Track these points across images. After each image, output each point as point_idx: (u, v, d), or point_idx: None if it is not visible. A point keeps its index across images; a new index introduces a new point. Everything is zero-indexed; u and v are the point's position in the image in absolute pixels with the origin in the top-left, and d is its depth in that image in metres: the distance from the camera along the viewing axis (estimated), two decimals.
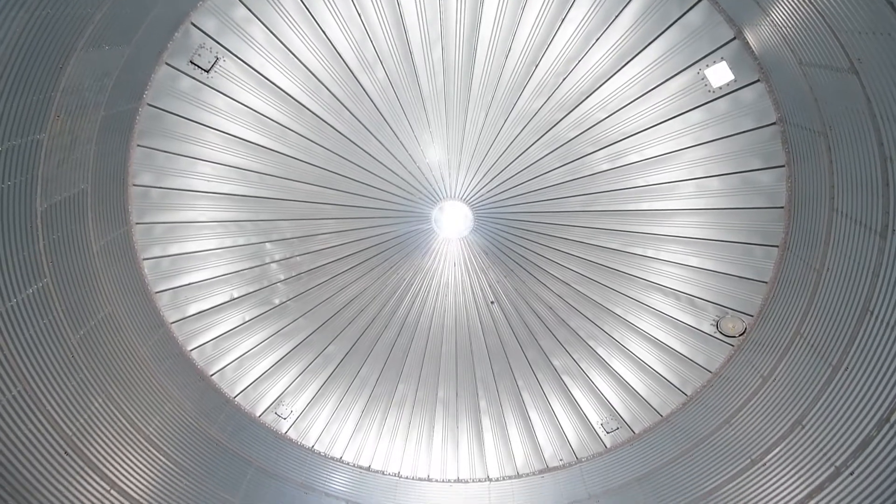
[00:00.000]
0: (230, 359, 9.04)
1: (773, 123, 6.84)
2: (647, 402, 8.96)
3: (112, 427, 6.73)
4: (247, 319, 9.15)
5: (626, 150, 8.13)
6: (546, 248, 9.32)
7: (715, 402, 7.89)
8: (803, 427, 6.33)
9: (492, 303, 9.98)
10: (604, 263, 9.01)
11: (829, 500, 5.76)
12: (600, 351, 9.47)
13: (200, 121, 7.71)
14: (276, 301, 9.37)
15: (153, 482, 7.00)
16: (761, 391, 7.15)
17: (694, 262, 8.20)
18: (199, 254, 8.49)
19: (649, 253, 8.59)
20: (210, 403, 8.51)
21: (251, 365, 9.28)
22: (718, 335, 8.12)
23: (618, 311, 9.12)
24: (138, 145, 7.44)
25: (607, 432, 9.30)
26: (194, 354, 8.61)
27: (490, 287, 9.88)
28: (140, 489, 6.79)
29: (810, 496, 5.98)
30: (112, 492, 6.43)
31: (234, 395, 9.02)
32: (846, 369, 5.88)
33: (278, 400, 9.50)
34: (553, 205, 9.04)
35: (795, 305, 6.85)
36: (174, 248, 8.23)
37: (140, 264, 7.83)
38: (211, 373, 8.81)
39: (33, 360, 5.83)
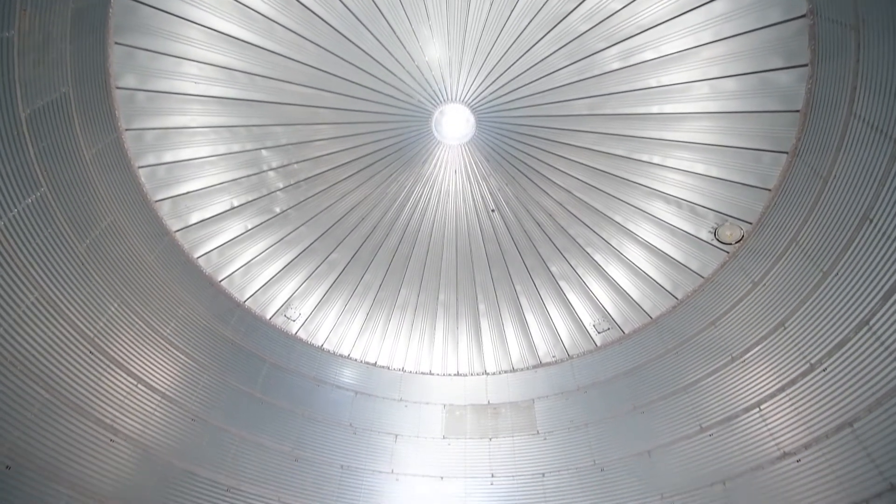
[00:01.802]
0: (237, 266, 9.29)
1: (803, 16, 6.28)
2: (639, 305, 9.36)
3: (131, 329, 7.12)
4: (249, 228, 9.23)
5: (641, 47, 7.55)
6: (549, 155, 9.09)
7: (703, 306, 8.25)
8: (785, 328, 6.70)
9: (492, 211, 9.98)
10: (608, 170, 8.84)
11: (799, 393, 6.28)
12: (597, 257, 9.69)
13: (180, 13, 7.07)
14: (277, 209, 9.37)
15: (176, 377, 7.59)
16: (750, 296, 7.44)
17: (700, 168, 8.04)
18: (195, 161, 8.30)
19: (655, 160, 8.39)
20: (222, 307, 8.91)
21: (258, 271, 9.55)
22: (715, 242, 8.25)
23: (618, 218, 9.16)
24: (116, 43, 6.92)
25: (598, 332, 9.85)
26: (201, 262, 8.83)
27: (491, 194, 9.81)
28: (165, 383, 7.38)
29: (782, 389, 6.50)
30: (139, 386, 6.99)
31: (243, 300, 9.41)
32: (836, 275, 6.06)
33: (287, 304, 9.93)
34: (559, 108, 8.62)
35: (796, 213, 6.86)
36: (168, 156, 8.04)
37: (136, 172, 7.71)
38: (220, 279, 9.10)
39: (45, 268, 6.00)
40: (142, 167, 7.81)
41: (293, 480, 8.11)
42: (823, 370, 6.02)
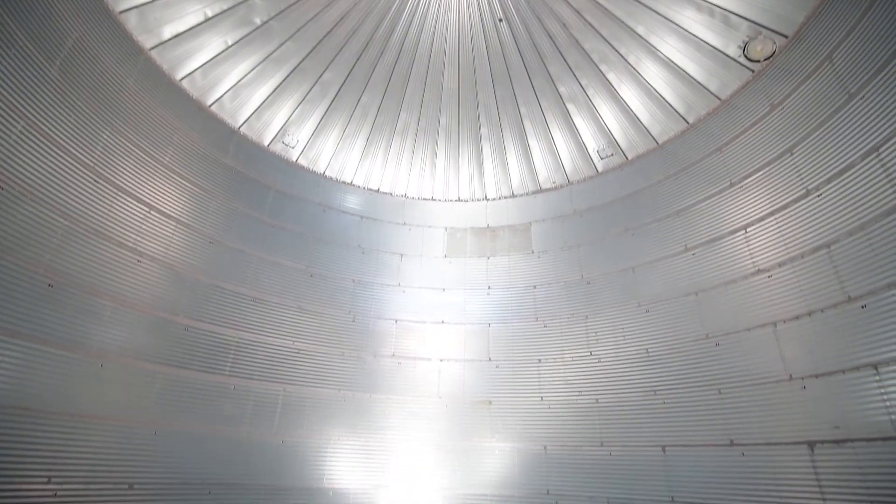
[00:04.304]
0: (224, 88, 8.71)
1: None
2: (647, 129, 9.04)
3: (129, 157, 7.07)
4: (230, 44, 8.36)
5: None
6: None
7: (714, 131, 7.97)
8: (792, 154, 6.58)
9: (500, 20, 8.87)
10: None
11: (788, 217, 6.50)
12: (610, 76, 8.98)
13: None
14: (257, 20, 8.35)
15: (186, 204, 7.83)
16: (764, 120, 7.12)
17: None
18: None
19: None
20: (216, 134, 8.67)
21: (247, 95, 9.00)
22: (742, 59, 7.53)
23: (640, 29, 8.19)
24: None
25: (601, 158, 9.75)
26: (185, 84, 8.25)
27: (498, 0, 8.60)
28: (176, 210, 7.65)
29: (772, 213, 6.72)
30: (152, 213, 7.27)
31: (238, 126, 9.10)
32: (861, 98, 5.69)
33: (283, 130, 9.63)
34: None
35: (837, 28, 6.09)
36: None
37: None
38: (209, 103, 8.64)
39: (22, 94, 5.66)
40: None
41: (310, 292, 9.07)
42: (818, 196, 6.12)
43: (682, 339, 7.43)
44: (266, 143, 9.55)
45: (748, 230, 7.02)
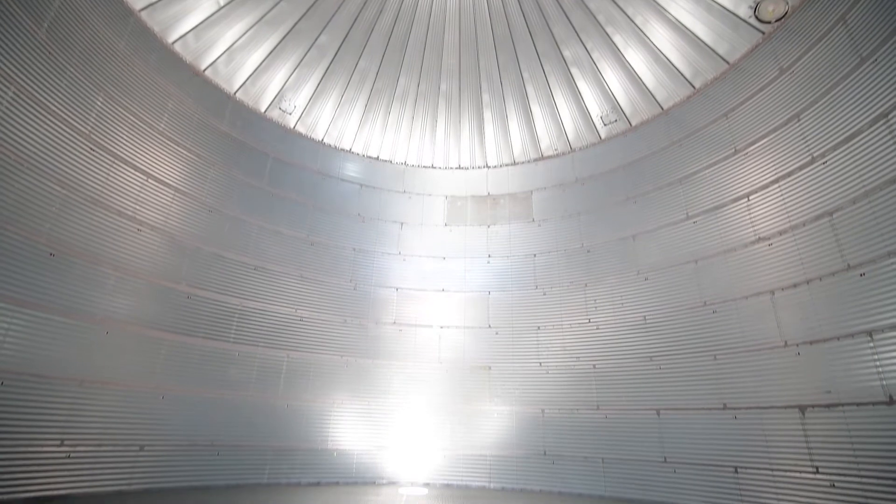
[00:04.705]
0: (218, 52, 8.47)
1: None
2: (652, 94, 8.84)
3: (124, 124, 6.95)
4: (222, 4, 8.08)
5: None
6: None
7: (720, 96, 7.78)
8: (799, 120, 6.45)
9: None
10: None
11: (792, 184, 6.43)
12: (616, 39, 8.70)
13: None
14: None
15: (184, 172, 7.76)
16: (772, 84, 6.94)
17: None
18: None
19: None
20: (212, 99, 8.49)
21: (242, 59, 8.76)
22: (753, 20, 7.27)
23: None
24: None
25: (605, 124, 9.57)
26: (178, 48, 8.02)
27: None
28: (174, 177, 7.59)
29: (776, 181, 6.64)
30: (150, 181, 7.21)
31: (233, 91, 8.90)
32: (874, 62, 5.53)
33: (280, 95, 9.43)
34: None
35: None
36: None
37: None
38: (203, 68, 8.42)
39: (10, 58, 5.51)
40: None
41: (311, 261, 9.11)
42: (823, 163, 6.04)
43: (679, 306, 7.50)
44: (262, 110, 9.37)
45: (751, 198, 6.96)
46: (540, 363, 8.69)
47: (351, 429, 8.41)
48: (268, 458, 7.59)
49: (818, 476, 5.40)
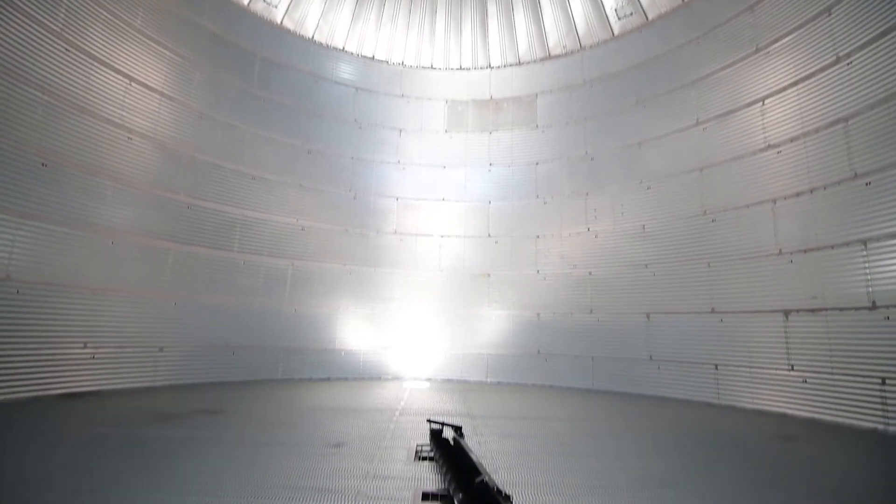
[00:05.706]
0: None
1: None
2: None
3: (97, 20, 6.40)
4: None
5: None
6: None
7: None
8: (830, 15, 5.92)
9: None
10: None
11: (811, 87, 6.09)
12: None
13: None
14: None
15: (167, 74, 7.31)
16: None
17: None
18: None
19: None
20: None
21: None
22: None
23: None
24: None
25: (619, 18, 8.81)
26: None
27: None
28: (158, 81, 7.17)
29: (795, 83, 6.28)
30: (133, 84, 6.82)
31: None
32: None
33: None
34: None
35: None
36: None
37: None
38: None
39: None
40: None
41: (310, 170, 8.95)
42: (848, 63, 5.65)
43: (679, 215, 7.50)
44: (245, 2, 8.57)
45: (766, 102, 6.63)
46: (538, 271, 8.93)
47: (356, 331, 8.89)
48: (280, 357, 8.14)
49: (792, 373, 5.82)
